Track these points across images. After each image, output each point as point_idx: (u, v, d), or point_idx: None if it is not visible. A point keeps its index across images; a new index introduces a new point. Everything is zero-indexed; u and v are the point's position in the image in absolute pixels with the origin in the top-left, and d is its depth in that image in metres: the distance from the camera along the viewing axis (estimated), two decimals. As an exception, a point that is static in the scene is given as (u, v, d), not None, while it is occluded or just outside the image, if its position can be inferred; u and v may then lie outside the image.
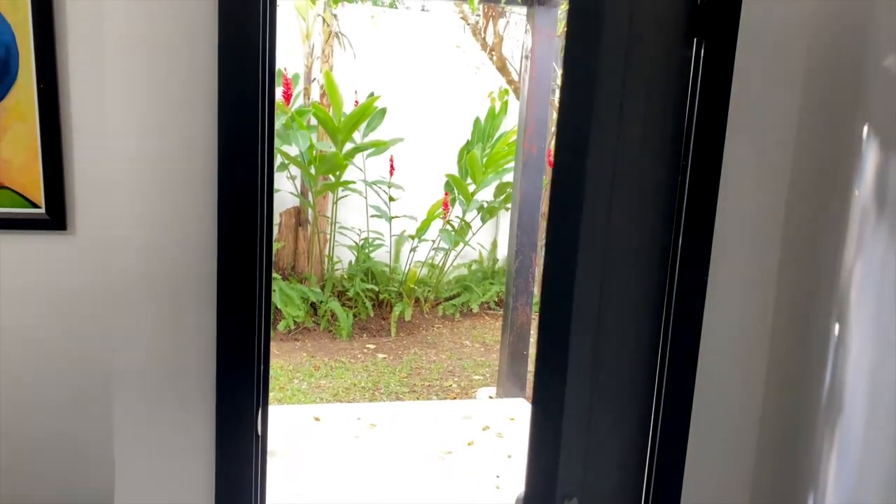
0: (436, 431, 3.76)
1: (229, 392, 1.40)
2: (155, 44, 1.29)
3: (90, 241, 1.48)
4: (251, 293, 1.38)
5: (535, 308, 4.44)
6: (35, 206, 1.47)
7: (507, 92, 5.24)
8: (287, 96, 5.27)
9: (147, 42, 1.28)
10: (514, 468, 3.39)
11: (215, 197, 1.34)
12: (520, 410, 4.11)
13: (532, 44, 3.94)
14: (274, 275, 5.49)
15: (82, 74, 1.47)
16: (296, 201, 5.84)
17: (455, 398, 4.38)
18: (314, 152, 5.40)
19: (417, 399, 4.32)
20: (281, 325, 5.35)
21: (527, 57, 3.99)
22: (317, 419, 3.84)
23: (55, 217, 1.48)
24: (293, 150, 5.55)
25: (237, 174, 1.34)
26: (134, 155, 1.31)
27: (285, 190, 5.80)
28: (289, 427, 3.71)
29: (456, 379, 4.74)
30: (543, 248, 6.45)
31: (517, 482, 3.26)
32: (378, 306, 5.85)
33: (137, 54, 1.29)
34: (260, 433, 1.46)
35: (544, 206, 4.20)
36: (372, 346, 5.30)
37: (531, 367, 4.76)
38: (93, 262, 1.52)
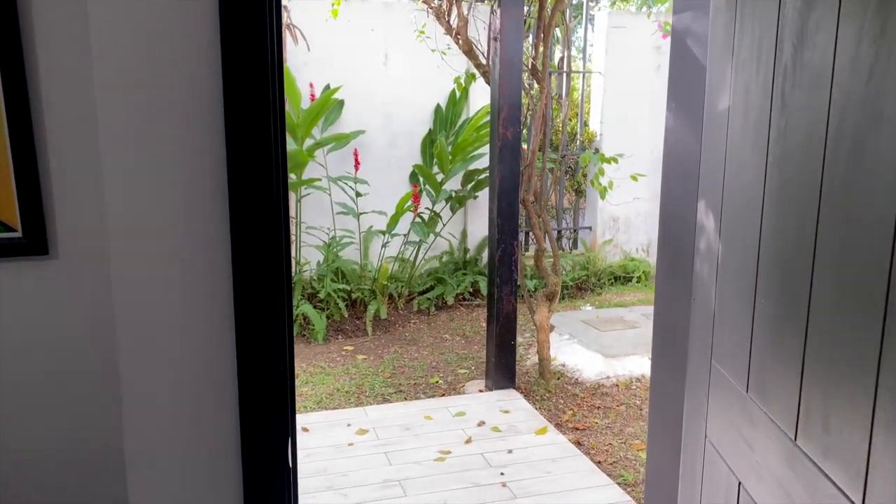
0: (430, 432, 3.64)
1: (255, 421, 1.25)
2: (149, 41, 1.12)
3: (77, 266, 1.30)
4: (273, 311, 1.23)
5: (520, 297, 4.35)
6: (10, 229, 1.29)
7: (473, 77, 5.11)
8: (242, 94, 5.03)
9: (140, 40, 1.12)
10: (517, 464, 3.29)
11: (226, 205, 1.19)
12: (512, 402, 4.02)
13: (500, 24, 3.82)
14: (241, 281, 5.26)
15: (60, 74, 1.28)
16: (257, 203, 5.61)
17: (444, 395, 4.26)
18: (275, 151, 5.18)
19: (405, 399, 4.19)
20: (252, 333, 5.14)
21: (495, 38, 3.87)
22: (305, 430, 3.68)
23: (34, 241, 1.30)
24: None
25: (250, 180, 1.18)
26: (131, 165, 1.14)
27: (246, 192, 5.56)
28: (277, 440, 3.54)
29: (441, 374, 4.62)
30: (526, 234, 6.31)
31: (522, 478, 3.17)
32: (351, 306, 5.68)
33: (130, 53, 1.12)
34: (291, 464, 1.32)
35: (523, 193, 4.11)
36: (350, 348, 5.14)
37: (519, 357, 4.68)
38: (80, 290, 1.35)
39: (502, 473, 3.21)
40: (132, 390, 1.21)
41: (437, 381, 4.49)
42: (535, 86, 4.20)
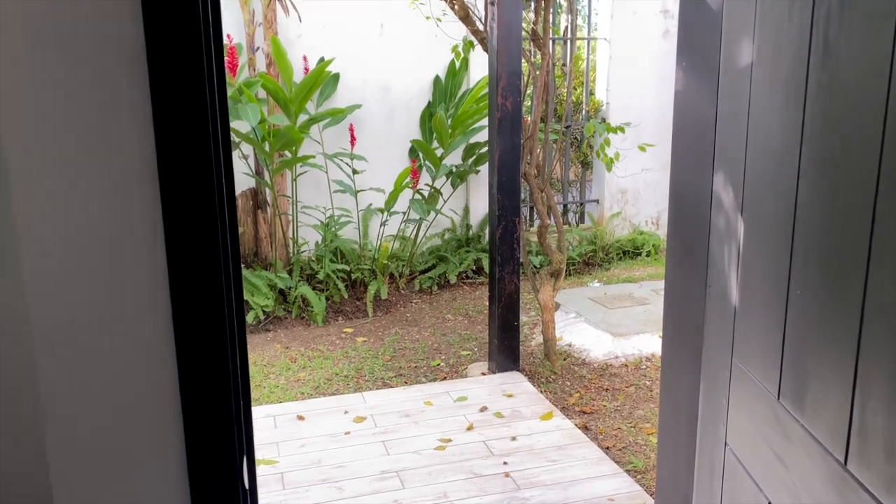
0: (430, 418, 3.49)
1: (202, 440, 1.07)
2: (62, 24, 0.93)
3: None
4: (218, 308, 1.05)
5: (523, 275, 4.16)
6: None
7: (471, 45, 4.87)
8: (232, 68, 4.83)
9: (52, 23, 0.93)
10: (521, 452, 3.14)
11: (157, 192, 1.00)
12: (516, 386, 3.86)
13: (497, -12, 3.59)
14: (236, 263, 5.10)
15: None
16: (252, 182, 5.43)
17: (445, 378, 4.10)
18: (266, 127, 4.98)
19: (406, 384, 4.03)
20: (250, 317, 4.99)
21: (493, 2, 3.64)
22: (300, 418, 3.53)
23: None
24: (243, 126, 5.12)
25: (184, 160, 0.99)
26: (40, 146, 0.96)
27: (239, 171, 5.38)
28: (271, 430, 3.40)
29: (443, 356, 4.46)
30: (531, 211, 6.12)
31: (526, 468, 3.01)
32: (351, 287, 5.51)
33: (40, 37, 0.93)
34: (248, 485, 1.15)
35: (524, 166, 3.90)
36: (350, 330, 4.98)
37: (524, 337, 4.51)
38: None
39: (505, 463, 3.05)
40: (54, 412, 1.03)
41: (438, 364, 4.33)
42: (537, 53, 3.97)
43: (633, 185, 6.82)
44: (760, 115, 1.09)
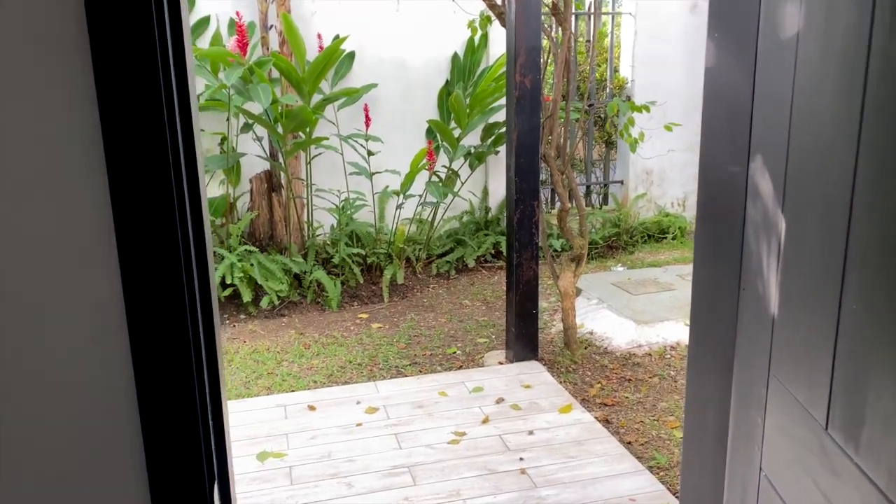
0: (444, 410, 3.37)
1: (164, 466, 0.96)
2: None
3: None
4: (179, 310, 0.92)
5: (542, 259, 4.01)
6: None
7: (489, 20, 4.68)
8: (243, 47, 4.69)
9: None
10: (538, 447, 3.01)
11: (106, 181, 0.87)
12: (534, 376, 3.72)
13: (516, -41, 3.40)
14: (251, 247, 5.01)
15: None
16: (266, 165, 5.32)
17: (461, 367, 3.98)
18: (279, 108, 4.85)
19: (420, 372, 3.92)
20: (264, 302, 4.91)
21: (511, -25, 3.45)
22: (312, 408, 3.44)
23: None
24: (256, 108, 5.00)
25: (132, 139, 0.86)
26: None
27: (252, 153, 5.27)
28: (281, 421, 3.31)
29: (459, 344, 4.34)
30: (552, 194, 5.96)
31: (544, 464, 2.88)
32: (367, 271, 5.40)
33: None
34: (220, 514, 1.03)
35: (544, 147, 3.73)
36: (365, 316, 4.88)
37: (543, 323, 4.37)
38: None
39: (521, 458, 2.93)
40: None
41: (454, 352, 4.21)
42: (558, 28, 3.78)
43: (659, 165, 6.60)
44: (808, 94, 0.93)
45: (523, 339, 3.87)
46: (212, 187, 5.39)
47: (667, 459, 3.04)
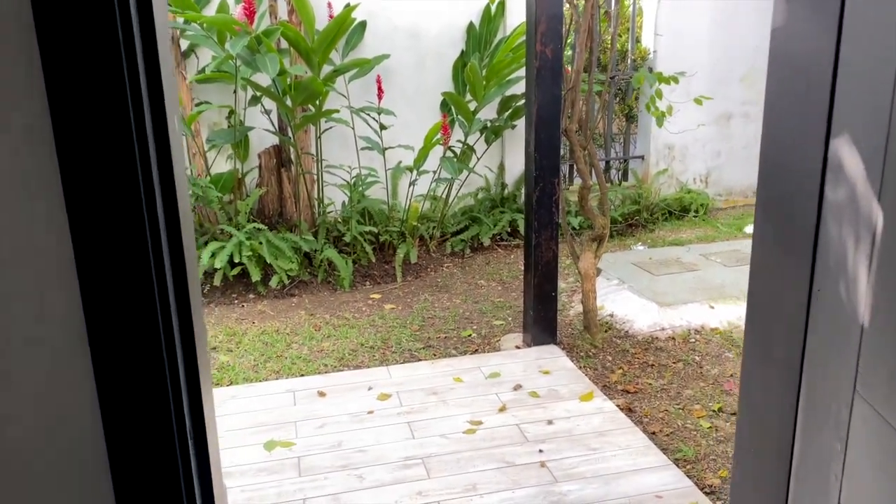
0: (460, 397, 3.23)
1: (135, 496, 0.81)
2: None
3: None
4: (150, 326, 0.76)
5: (562, 240, 3.83)
6: None
7: (506, -13, 4.45)
8: (250, 15, 4.50)
9: None
10: (558, 438, 2.86)
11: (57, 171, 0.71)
12: (553, 361, 3.57)
13: (537, -82, 3.17)
14: (259, 225, 4.86)
15: None
16: (275, 139, 5.15)
17: (477, 351, 3.83)
18: (288, 79, 4.67)
19: (434, 356, 3.77)
20: (273, 281, 4.77)
21: (532, -64, 3.23)
22: (321, 394, 3.31)
23: None
24: (264, 80, 4.82)
25: (85, 107, 0.70)
26: None
27: (260, 127, 5.10)
28: (290, 408, 3.18)
29: (475, 326, 4.19)
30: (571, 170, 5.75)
31: (564, 457, 2.74)
32: (379, 250, 5.25)
33: None
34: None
35: (566, 121, 3.53)
36: (377, 296, 4.73)
37: (562, 305, 4.20)
38: None
39: (541, 450, 2.78)
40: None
41: (469, 335, 4.06)
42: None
43: (681, 140, 6.36)
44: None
45: (541, 323, 3.71)
46: (219, 163, 5.23)
47: (694, 452, 2.88)
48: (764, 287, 1.13)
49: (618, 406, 3.17)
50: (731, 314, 4.11)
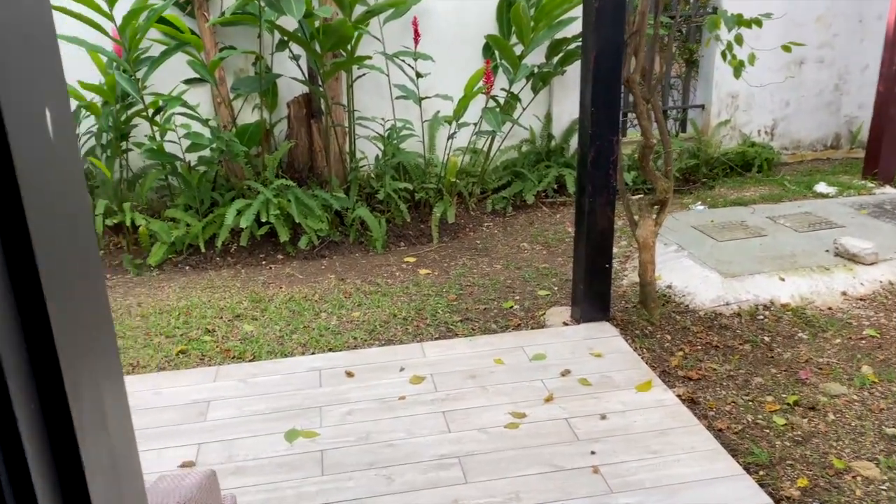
0: (501, 382, 2.91)
1: None
2: None
3: None
4: None
5: (619, 209, 3.42)
6: None
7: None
8: (273, -49, 4.07)
9: None
10: (613, 437, 2.53)
11: None
12: (605, 342, 3.21)
13: None
14: (288, 181, 4.54)
15: None
16: (304, 88, 4.78)
17: (519, 326, 3.49)
18: (316, 22, 4.26)
19: (472, 331, 3.44)
20: (302, 241, 4.48)
21: None
22: (349, 374, 3.03)
23: None
24: (290, 23, 4.42)
25: None
26: None
27: (288, 75, 4.73)
28: (314, 389, 2.91)
29: (517, 297, 3.84)
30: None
31: (620, 460, 2.41)
32: (414, 208, 4.90)
33: None
34: None
35: (628, 70, 3.08)
36: (411, 260, 4.40)
37: (613, 273, 3.81)
38: None
39: (593, 452, 2.46)
40: None
41: (511, 307, 3.72)
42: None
43: (747, 88, 5.78)
44: None
45: (593, 298, 3.34)
46: (245, 112, 4.90)
47: (767, 455, 2.52)
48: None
49: (679, 396, 2.82)
50: (803, 288, 3.68)
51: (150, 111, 4.46)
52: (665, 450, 2.47)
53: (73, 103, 4.44)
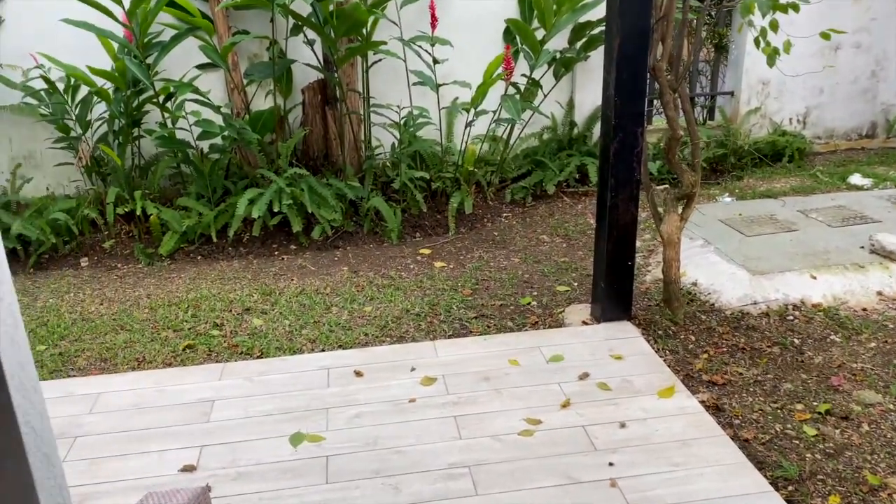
0: (516, 385, 2.79)
1: None
2: None
3: None
4: None
5: (644, 203, 3.27)
6: None
7: None
8: (285, -68, 3.94)
9: None
10: (633, 447, 2.40)
11: None
12: (627, 343, 3.07)
13: None
14: (301, 170, 4.44)
15: None
16: (319, 74, 4.65)
17: (536, 324, 3.36)
18: (329, 6, 4.12)
19: (487, 329, 3.32)
20: (316, 232, 4.38)
21: None
22: (359, 374, 2.92)
23: None
24: (304, 7, 4.29)
25: None
26: None
27: (302, 61, 4.60)
28: (322, 389, 2.81)
29: (535, 292, 3.70)
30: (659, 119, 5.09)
31: (639, 472, 2.28)
32: (431, 198, 4.77)
33: None
34: None
35: (654, 58, 2.91)
36: (427, 252, 4.28)
37: (636, 270, 3.66)
38: None
39: (611, 464, 2.33)
40: None
41: (528, 303, 3.58)
42: None
43: (778, 75, 5.54)
44: None
45: (614, 297, 3.20)
46: (259, 99, 4.79)
47: (797, 469, 2.38)
48: None
49: (703, 403, 2.67)
50: (836, 287, 3.50)
51: (161, 97, 4.37)
52: (688, 462, 2.33)
53: (85, 89, 4.36)
